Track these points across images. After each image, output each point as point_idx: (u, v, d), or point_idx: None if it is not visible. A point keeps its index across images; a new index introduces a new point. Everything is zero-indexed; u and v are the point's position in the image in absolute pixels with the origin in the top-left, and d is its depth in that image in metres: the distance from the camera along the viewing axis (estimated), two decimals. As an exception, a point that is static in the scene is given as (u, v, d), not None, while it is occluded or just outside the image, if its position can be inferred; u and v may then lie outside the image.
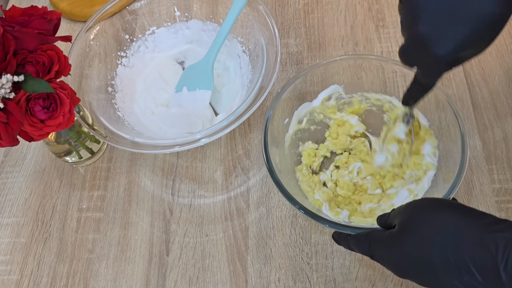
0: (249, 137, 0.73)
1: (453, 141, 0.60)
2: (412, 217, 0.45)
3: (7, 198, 0.72)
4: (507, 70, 0.75)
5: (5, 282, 0.65)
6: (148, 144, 0.65)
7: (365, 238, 0.49)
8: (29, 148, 0.76)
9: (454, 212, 0.42)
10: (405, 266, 0.44)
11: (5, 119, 0.54)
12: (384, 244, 0.46)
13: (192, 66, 0.76)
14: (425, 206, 0.45)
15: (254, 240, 0.65)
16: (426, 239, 0.42)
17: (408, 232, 0.44)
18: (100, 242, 0.67)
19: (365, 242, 0.49)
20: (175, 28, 0.80)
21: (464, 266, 0.39)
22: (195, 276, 0.63)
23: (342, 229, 0.55)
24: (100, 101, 0.72)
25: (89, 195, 0.71)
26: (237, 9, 0.70)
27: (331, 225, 0.56)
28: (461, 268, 0.39)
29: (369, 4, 0.84)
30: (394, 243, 0.45)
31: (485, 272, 0.38)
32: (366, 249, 0.48)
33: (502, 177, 0.66)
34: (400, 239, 0.44)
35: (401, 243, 0.44)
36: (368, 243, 0.48)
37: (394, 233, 0.45)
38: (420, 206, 0.45)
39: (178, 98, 0.75)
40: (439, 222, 0.42)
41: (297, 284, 0.61)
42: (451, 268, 0.40)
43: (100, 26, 0.75)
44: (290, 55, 0.80)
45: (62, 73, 0.58)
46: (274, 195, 0.68)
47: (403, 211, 0.46)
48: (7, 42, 0.54)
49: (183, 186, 0.70)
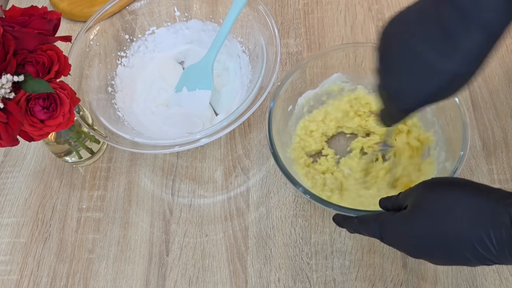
0: (249, 137, 0.73)
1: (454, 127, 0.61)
2: (425, 196, 0.46)
3: (7, 198, 0.72)
4: (507, 70, 0.75)
5: (5, 282, 0.65)
6: (148, 144, 0.65)
7: (375, 221, 0.49)
8: (29, 148, 0.76)
9: (466, 189, 0.44)
10: (419, 245, 0.45)
11: (5, 119, 0.54)
12: (396, 225, 0.46)
13: (192, 66, 0.76)
14: (436, 184, 0.46)
15: (254, 240, 0.65)
16: (441, 216, 0.43)
17: (422, 211, 0.45)
18: (100, 242, 0.67)
19: (375, 224, 0.49)
20: (175, 28, 0.80)
21: (479, 240, 0.40)
22: (195, 276, 0.63)
23: (348, 212, 0.55)
24: (100, 101, 0.72)
25: (89, 195, 0.71)
26: (236, 9, 0.70)
27: (337, 208, 0.55)
28: (476, 242, 0.41)
29: (369, 4, 0.84)
30: (407, 223, 0.45)
31: (500, 244, 0.40)
32: (377, 231, 0.48)
33: (502, 177, 0.66)
34: (414, 219, 0.45)
35: (415, 222, 0.45)
36: (379, 225, 0.48)
37: (406, 213, 0.46)
38: (432, 185, 0.46)
39: (178, 98, 0.75)
40: (452, 199, 0.43)
41: (297, 284, 0.61)
42: (466, 243, 0.41)
43: (100, 26, 0.75)
44: (290, 55, 0.80)
45: (62, 73, 0.58)
46: (274, 195, 0.68)
47: (415, 191, 0.47)
48: (7, 42, 0.54)
49: (183, 186, 0.70)
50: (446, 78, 0.42)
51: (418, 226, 0.45)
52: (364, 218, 0.51)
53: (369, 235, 0.50)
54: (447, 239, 0.42)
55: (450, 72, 0.42)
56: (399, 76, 0.45)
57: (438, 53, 0.41)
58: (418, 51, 0.42)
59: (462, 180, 0.46)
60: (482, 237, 0.40)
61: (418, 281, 0.60)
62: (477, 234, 0.40)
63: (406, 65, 0.44)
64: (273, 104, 0.64)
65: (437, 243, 0.43)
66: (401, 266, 0.61)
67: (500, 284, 0.59)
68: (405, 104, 0.46)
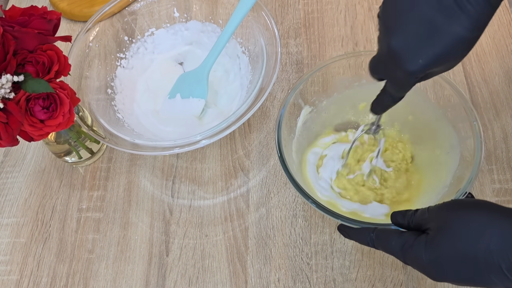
0: (249, 138, 0.73)
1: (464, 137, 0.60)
2: (450, 219, 0.45)
3: (7, 198, 0.72)
4: (507, 71, 0.75)
5: (5, 282, 0.65)
6: (148, 146, 0.65)
7: (397, 240, 0.48)
8: (29, 148, 0.76)
9: (493, 212, 0.43)
10: (445, 271, 0.44)
11: (5, 119, 0.54)
12: (421, 250, 0.45)
13: (188, 74, 0.76)
14: (461, 207, 0.45)
15: (254, 241, 0.65)
16: (470, 241, 0.43)
17: (449, 236, 0.44)
18: (100, 242, 0.67)
19: (396, 244, 0.48)
20: (174, 29, 0.80)
21: (508, 264, 0.40)
22: (194, 276, 0.63)
23: (356, 224, 0.54)
24: (100, 101, 0.72)
25: (89, 195, 0.71)
26: (236, 21, 0.70)
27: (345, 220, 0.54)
28: (504, 266, 0.41)
29: (369, 4, 0.85)
30: (433, 249, 0.45)
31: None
32: (398, 252, 0.48)
33: (502, 177, 0.66)
34: (440, 244, 0.44)
35: (441, 247, 0.44)
36: (400, 246, 0.47)
37: (431, 238, 0.45)
38: (457, 208, 0.46)
39: (171, 105, 0.75)
40: (480, 223, 0.43)
41: (296, 284, 0.61)
42: (494, 267, 0.41)
43: (100, 27, 0.75)
44: (290, 55, 0.80)
45: (62, 73, 0.58)
46: (274, 196, 0.68)
47: (438, 214, 0.46)
48: (7, 42, 0.54)
49: (183, 186, 0.70)
50: (453, 40, 0.43)
51: (443, 252, 0.44)
52: (383, 234, 0.50)
53: (388, 253, 0.49)
54: (476, 265, 0.42)
55: (458, 34, 0.43)
56: (407, 36, 0.45)
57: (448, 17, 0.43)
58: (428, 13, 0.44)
59: (486, 202, 0.45)
60: (511, 262, 0.40)
61: (418, 282, 0.60)
62: (507, 260, 0.40)
63: (415, 26, 0.44)
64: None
65: (464, 268, 0.43)
66: (401, 266, 0.61)
67: (500, 285, 0.59)
68: (413, 64, 0.45)
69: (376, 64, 0.50)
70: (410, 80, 0.48)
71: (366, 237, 0.51)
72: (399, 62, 0.46)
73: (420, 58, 0.45)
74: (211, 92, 0.75)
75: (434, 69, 0.46)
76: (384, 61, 0.48)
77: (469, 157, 0.58)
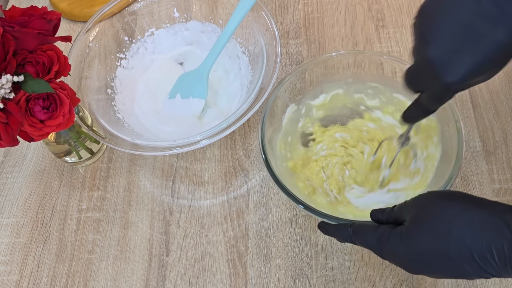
0: (249, 138, 0.73)
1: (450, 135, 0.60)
2: (424, 211, 0.45)
3: (7, 198, 0.72)
4: (507, 71, 0.75)
5: (4, 283, 0.65)
6: (148, 146, 0.65)
7: (373, 234, 0.48)
8: (29, 148, 0.76)
9: (465, 203, 0.43)
10: (419, 262, 0.44)
11: (5, 119, 0.54)
12: (395, 242, 0.45)
13: (188, 74, 0.76)
14: (436, 199, 0.45)
15: (254, 241, 0.65)
16: (441, 232, 0.42)
17: (423, 227, 0.44)
18: (100, 242, 0.67)
19: (372, 238, 0.48)
20: (174, 29, 0.80)
21: (480, 254, 0.40)
22: (194, 276, 0.63)
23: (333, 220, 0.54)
24: (100, 101, 0.72)
25: (89, 196, 0.71)
26: (236, 21, 0.70)
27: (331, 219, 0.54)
28: (477, 256, 0.40)
29: (369, 4, 0.85)
30: (406, 240, 0.45)
31: (502, 258, 0.40)
32: (375, 245, 0.47)
33: (502, 177, 0.66)
34: (414, 235, 0.44)
35: (415, 238, 0.44)
36: (377, 239, 0.47)
37: (406, 229, 0.45)
38: (431, 200, 0.46)
39: (171, 105, 0.75)
40: (453, 214, 0.43)
41: (296, 284, 0.61)
42: (467, 257, 0.41)
43: (100, 27, 0.75)
44: (290, 55, 0.80)
45: (62, 73, 0.58)
46: (274, 196, 0.68)
47: (413, 206, 0.46)
48: (7, 42, 0.54)
49: (183, 187, 0.70)
50: (495, 47, 0.41)
51: (417, 243, 0.44)
52: (360, 228, 0.50)
53: (366, 247, 0.49)
54: (448, 255, 0.42)
55: (501, 40, 0.41)
56: (445, 44, 0.43)
57: (488, 22, 0.41)
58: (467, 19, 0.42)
59: (460, 193, 0.45)
60: (483, 252, 0.40)
61: (418, 281, 0.60)
62: (478, 249, 0.40)
63: (453, 33, 0.43)
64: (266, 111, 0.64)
65: (438, 259, 0.43)
66: (401, 266, 0.61)
67: (500, 284, 0.59)
68: (452, 74, 0.43)
69: (412, 76, 0.48)
70: (448, 92, 0.46)
71: (344, 232, 0.51)
72: (437, 72, 0.44)
73: (459, 67, 0.43)
74: (211, 92, 0.75)
75: (474, 79, 0.44)
76: (420, 72, 0.46)
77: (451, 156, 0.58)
